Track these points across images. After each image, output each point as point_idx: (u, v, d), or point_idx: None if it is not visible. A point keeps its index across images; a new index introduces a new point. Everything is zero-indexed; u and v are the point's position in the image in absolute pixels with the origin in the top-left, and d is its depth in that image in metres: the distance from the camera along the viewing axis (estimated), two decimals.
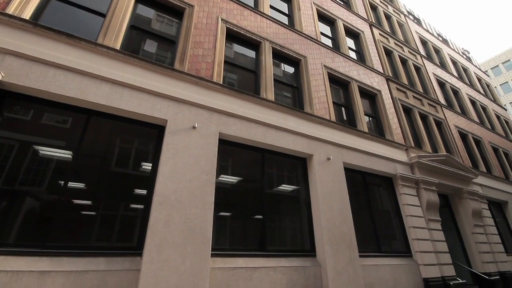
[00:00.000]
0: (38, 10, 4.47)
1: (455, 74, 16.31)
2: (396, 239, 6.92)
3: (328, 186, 5.90)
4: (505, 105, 40.39)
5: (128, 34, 5.23)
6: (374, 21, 12.57)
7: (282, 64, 7.56)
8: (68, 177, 3.77)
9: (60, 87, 3.92)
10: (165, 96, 4.77)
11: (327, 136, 6.59)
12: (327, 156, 6.27)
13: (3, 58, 3.71)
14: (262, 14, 7.65)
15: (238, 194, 5.23)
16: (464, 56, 19.73)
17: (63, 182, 3.72)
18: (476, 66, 20.56)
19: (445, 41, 18.57)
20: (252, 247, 4.83)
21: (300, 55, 7.75)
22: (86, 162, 4.02)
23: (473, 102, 15.73)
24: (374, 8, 13.70)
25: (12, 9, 4.02)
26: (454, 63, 17.45)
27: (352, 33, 10.88)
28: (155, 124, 4.69)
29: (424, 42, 15.87)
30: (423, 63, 13.44)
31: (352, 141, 7.11)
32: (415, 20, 16.97)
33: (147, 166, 4.43)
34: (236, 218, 5.04)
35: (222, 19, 6.57)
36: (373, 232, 6.51)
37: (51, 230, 3.44)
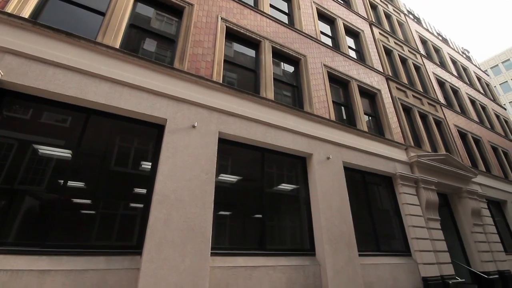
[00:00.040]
0: (37, 8, 4.45)
1: (455, 73, 16.32)
2: (396, 238, 6.93)
3: (327, 185, 5.91)
4: (504, 104, 40.41)
5: (128, 33, 5.22)
6: (374, 20, 12.55)
7: (282, 63, 7.56)
8: (67, 176, 3.77)
9: (59, 86, 3.92)
10: (164, 95, 4.76)
11: (326, 136, 6.59)
12: (327, 155, 6.28)
13: (2, 57, 3.69)
14: (262, 13, 7.64)
15: (238, 193, 5.23)
16: (464, 56, 19.73)
17: (62, 181, 3.72)
18: (475, 66, 20.56)
19: (445, 40, 18.56)
20: (251, 246, 4.83)
21: (300, 54, 7.75)
22: (85, 161, 4.02)
23: (472, 102, 15.74)
24: (374, 7, 13.68)
25: (11, 7, 4.01)
26: (454, 62, 17.44)
27: (352, 32, 10.87)
28: (154, 123, 4.68)
29: (424, 41, 15.86)
30: (423, 62, 13.44)
31: (352, 140, 7.11)
32: (415, 19, 16.95)
33: (147, 165, 4.43)
34: (235, 217, 5.05)
35: (222, 18, 6.56)
36: (372, 231, 6.52)
37: (51, 229, 3.44)
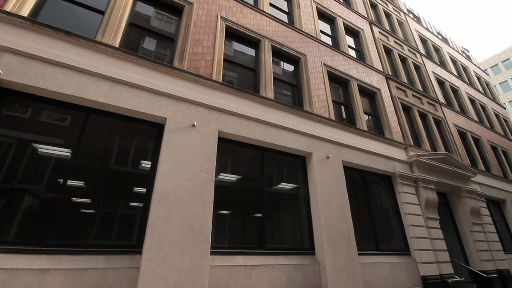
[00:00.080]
0: (37, 7, 4.44)
1: (455, 72, 16.31)
2: (395, 237, 6.95)
3: (327, 185, 5.91)
4: (504, 104, 40.46)
5: (127, 32, 5.21)
6: (374, 19, 12.54)
7: (282, 62, 7.55)
8: (67, 175, 3.77)
9: (59, 84, 3.91)
10: (164, 94, 4.76)
11: (326, 135, 6.59)
12: (327, 155, 6.28)
13: (2, 56, 3.69)
14: (261, 12, 7.63)
15: (238, 192, 5.23)
16: (464, 55, 19.72)
17: (62, 180, 3.72)
18: (475, 65, 20.56)
19: (444, 39, 18.54)
20: (251, 245, 4.84)
21: (300, 53, 7.74)
22: (85, 160, 4.01)
23: (472, 101, 15.74)
24: (374, 6, 13.67)
25: (10, 6, 4.00)
26: (454, 61, 17.44)
27: (352, 31, 10.86)
28: (154, 122, 4.68)
29: (423, 41, 15.85)
30: (423, 62, 13.43)
31: (352, 139, 7.12)
32: (415, 19, 16.93)
33: (147, 164, 4.43)
34: (235, 216, 5.05)
35: (222, 17, 6.55)
36: (372, 230, 6.53)
37: (50, 228, 3.44)
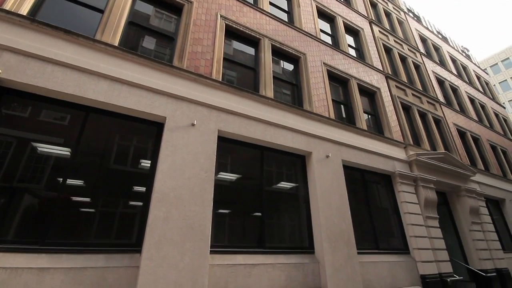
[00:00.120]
0: (36, 6, 4.42)
1: (455, 72, 16.30)
2: (394, 236, 6.96)
3: (327, 184, 5.92)
4: (503, 103, 40.49)
5: (127, 31, 5.20)
6: (374, 18, 12.52)
7: (282, 61, 7.54)
8: (66, 174, 3.77)
9: (58, 83, 3.90)
10: (163, 93, 4.75)
11: (326, 134, 6.60)
12: (326, 154, 6.28)
13: (1, 54, 3.67)
14: (261, 11, 7.61)
15: (237, 191, 5.24)
16: (464, 54, 19.71)
17: (61, 179, 3.72)
18: (475, 64, 20.55)
19: (444, 38, 18.53)
20: (251, 244, 4.85)
21: (300, 52, 7.73)
22: (84, 159, 4.01)
23: (472, 100, 15.74)
24: (374, 5, 13.65)
25: (9, 4, 3.98)
26: (454, 61, 17.43)
27: (351, 30, 10.84)
28: (154, 121, 4.67)
29: (423, 40, 15.84)
30: (423, 61, 13.43)
31: (351, 138, 7.12)
32: (415, 18, 16.91)
33: (146, 163, 4.43)
34: (235, 215, 5.05)
35: (221, 16, 6.53)
36: (371, 229, 6.54)
37: (50, 227, 3.44)
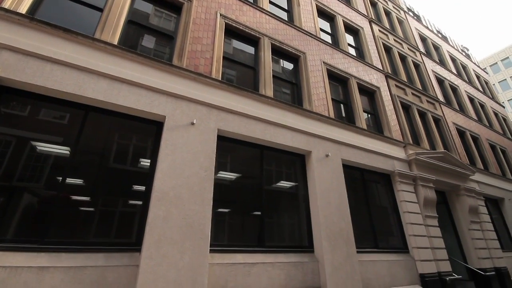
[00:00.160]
0: (35, 4, 4.41)
1: (454, 71, 16.30)
2: (393, 235, 6.98)
3: (326, 183, 5.92)
4: (503, 102, 40.53)
5: (126, 29, 5.19)
6: (373, 17, 12.51)
7: (281, 60, 7.53)
8: (66, 173, 3.76)
9: (57, 82, 3.89)
10: (163, 92, 4.74)
11: (325, 133, 6.60)
12: (326, 153, 6.29)
13: (0, 53, 3.67)
14: (261, 10, 7.59)
15: (237, 190, 5.24)
16: (463, 53, 19.70)
17: (61, 178, 3.71)
18: (475, 64, 20.56)
19: (444, 38, 18.52)
20: (250, 243, 4.85)
21: (299, 51, 7.72)
22: (84, 158, 4.01)
23: (471, 100, 15.75)
24: (374, 4, 13.63)
25: (8, 3, 3.97)
26: (453, 60, 17.43)
27: (351, 29, 10.83)
28: (153, 120, 4.66)
29: (423, 39, 15.83)
30: (422, 60, 13.42)
31: (351, 138, 7.12)
32: (415, 17, 16.89)
33: (146, 162, 4.43)
34: (234, 214, 5.06)
35: (221, 14, 6.52)
36: (370, 228, 6.56)
37: (50, 226, 3.44)
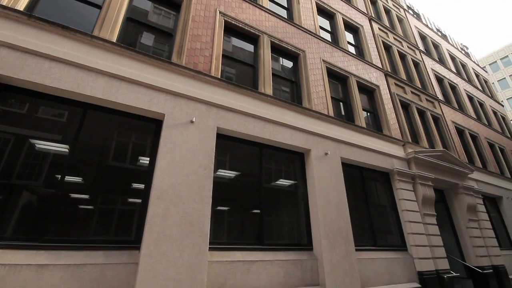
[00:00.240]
0: (33, 1, 4.38)
1: (453, 69, 16.30)
2: (392, 233, 7.00)
3: (325, 181, 5.93)
4: (502, 101, 40.57)
5: (125, 27, 5.16)
6: (373, 15, 12.47)
7: (281, 58, 7.51)
8: (65, 171, 3.76)
9: (55, 80, 3.88)
10: (162, 90, 4.73)
11: (325, 131, 6.60)
12: (325, 151, 6.29)
13: None
14: (260, 7, 7.56)
15: (236, 188, 5.24)
16: (463, 52, 19.70)
17: (60, 176, 3.71)
18: (474, 62, 20.56)
19: (444, 36, 18.50)
20: (249, 241, 4.87)
21: (299, 49, 7.70)
22: (83, 156, 4.00)
23: (470, 98, 15.77)
24: (373, 2, 13.58)
25: (6, 0, 3.94)
26: (453, 58, 17.42)
27: (351, 27, 10.80)
28: (152, 118, 4.65)
29: (423, 37, 15.80)
30: (422, 58, 13.41)
31: (350, 136, 7.13)
32: (415, 15, 16.86)
33: (145, 161, 4.42)
34: (233, 212, 5.07)
35: (220, 12, 6.49)
36: (369, 226, 6.58)
37: (49, 224, 3.44)
